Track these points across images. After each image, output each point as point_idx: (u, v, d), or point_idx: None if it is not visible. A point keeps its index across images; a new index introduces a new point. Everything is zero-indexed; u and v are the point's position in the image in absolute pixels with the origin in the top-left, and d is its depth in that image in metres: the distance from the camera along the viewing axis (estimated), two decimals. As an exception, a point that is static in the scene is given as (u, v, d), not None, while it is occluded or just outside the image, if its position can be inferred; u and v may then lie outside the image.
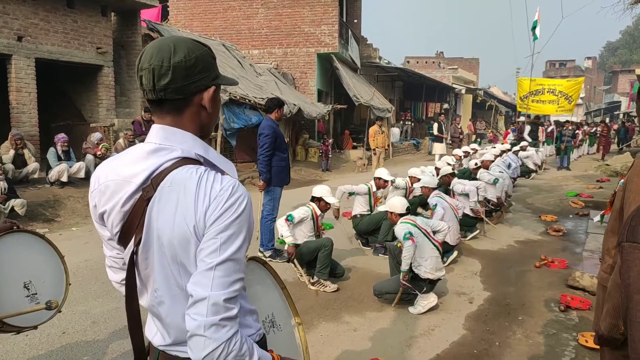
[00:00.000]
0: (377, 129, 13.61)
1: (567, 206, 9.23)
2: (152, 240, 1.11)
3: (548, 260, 5.67)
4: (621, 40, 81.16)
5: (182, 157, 1.13)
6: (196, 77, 1.14)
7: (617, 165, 13.95)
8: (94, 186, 1.18)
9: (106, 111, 10.53)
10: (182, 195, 1.07)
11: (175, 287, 1.13)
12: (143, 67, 1.13)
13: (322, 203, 4.91)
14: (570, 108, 17.45)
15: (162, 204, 1.09)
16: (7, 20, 8.44)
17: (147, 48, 1.15)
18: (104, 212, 1.16)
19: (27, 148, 8.19)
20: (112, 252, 1.26)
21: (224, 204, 1.06)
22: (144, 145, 1.16)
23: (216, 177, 1.10)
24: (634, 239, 0.92)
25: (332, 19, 17.11)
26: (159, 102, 1.15)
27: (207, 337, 1.01)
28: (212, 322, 1.01)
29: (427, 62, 40.30)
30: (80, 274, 4.96)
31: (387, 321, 4.08)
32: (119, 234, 1.16)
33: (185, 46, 1.14)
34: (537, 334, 3.88)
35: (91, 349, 3.48)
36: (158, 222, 1.09)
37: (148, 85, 1.13)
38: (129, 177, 1.12)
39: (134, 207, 1.12)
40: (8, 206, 6.61)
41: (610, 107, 46.26)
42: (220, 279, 1.03)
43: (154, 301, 1.17)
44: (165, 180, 1.10)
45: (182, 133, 1.16)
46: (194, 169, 1.10)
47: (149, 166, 1.12)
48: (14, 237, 2.32)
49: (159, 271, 1.13)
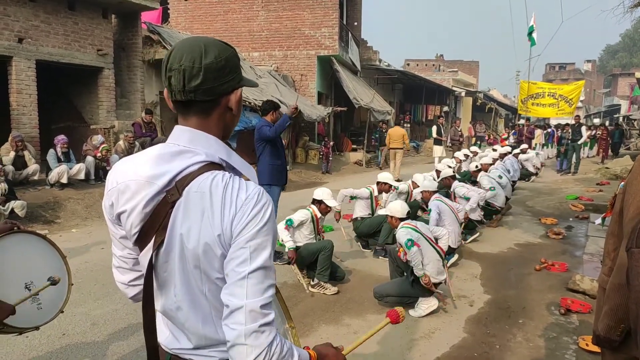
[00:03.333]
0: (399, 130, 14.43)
1: (567, 209, 9.24)
2: (174, 245, 1.10)
3: (548, 263, 5.67)
4: (621, 43, 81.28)
5: (207, 161, 1.12)
6: (225, 79, 1.13)
7: (617, 168, 13.95)
8: (112, 184, 1.15)
9: (106, 113, 10.53)
10: (208, 203, 1.07)
11: (196, 292, 1.12)
12: (172, 67, 1.10)
13: (323, 206, 4.92)
14: (570, 111, 17.47)
15: (187, 209, 1.08)
16: (7, 22, 8.45)
17: (176, 48, 1.13)
18: (123, 211, 1.14)
19: (28, 150, 8.19)
20: (122, 252, 1.24)
21: (250, 212, 1.06)
22: (167, 147, 1.14)
23: (241, 185, 1.10)
24: None
25: (332, 21, 17.13)
26: (186, 104, 1.14)
27: (249, 344, 1.02)
28: (251, 329, 1.02)
29: (427, 64, 40.38)
30: (80, 275, 4.95)
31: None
32: (137, 235, 1.14)
33: (216, 47, 1.12)
34: (537, 337, 3.87)
35: (91, 350, 3.47)
36: (183, 227, 1.09)
37: (177, 86, 1.11)
38: (151, 178, 1.10)
39: (155, 209, 1.11)
40: (8, 208, 6.61)
41: (610, 110, 46.29)
42: (254, 287, 1.04)
43: (172, 305, 1.16)
44: (191, 185, 1.08)
45: (207, 136, 1.14)
46: (220, 176, 1.09)
47: (173, 168, 1.10)
48: (15, 237, 2.31)
49: (180, 276, 1.12)
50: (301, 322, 4.05)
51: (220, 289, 1.10)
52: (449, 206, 5.80)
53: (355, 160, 17.34)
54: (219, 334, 1.14)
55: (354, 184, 11.97)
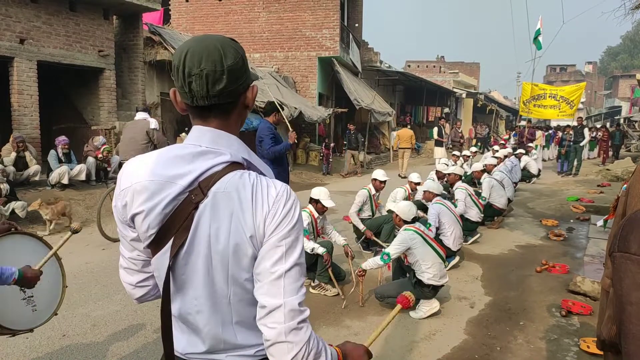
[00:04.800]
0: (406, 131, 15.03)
1: (568, 211, 9.22)
2: (197, 246, 1.08)
3: (549, 265, 5.66)
4: (622, 45, 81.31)
5: (231, 161, 1.10)
6: (244, 77, 1.12)
7: (618, 170, 13.94)
8: (126, 184, 1.11)
9: (107, 114, 10.54)
10: (237, 204, 1.06)
11: (219, 295, 1.11)
12: (192, 72, 1.05)
13: (319, 205, 4.88)
14: (571, 113, 17.44)
15: (215, 210, 1.06)
16: (9, 23, 8.46)
17: (191, 50, 1.07)
18: (139, 212, 1.09)
19: (29, 150, 8.20)
20: (132, 254, 1.21)
21: (282, 210, 1.06)
22: (188, 147, 1.11)
23: (269, 183, 1.09)
24: (626, 249, 0.90)
25: (333, 23, 17.15)
26: (207, 108, 1.11)
27: (289, 341, 1.03)
28: (291, 327, 1.03)
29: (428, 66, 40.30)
30: (80, 276, 4.94)
31: (388, 325, 4.06)
32: (153, 237, 1.11)
33: (231, 47, 1.09)
34: (538, 339, 3.86)
35: (91, 351, 3.47)
36: (211, 229, 1.07)
37: (200, 92, 1.07)
38: (171, 178, 1.07)
39: (176, 210, 1.08)
40: (8, 208, 6.61)
41: (611, 112, 46.27)
42: (291, 285, 1.05)
43: (191, 309, 1.13)
44: (217, 185, 1.07)
45: (229, 136, 1.13)
46: (246, 175, 1.09)
47: (196, 169, 1.08)
48: (12, 239, 2.31)
49: (203, 279, 1.10)
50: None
51: (246, 291, 1.10)
52: (450, 209, 5.79)
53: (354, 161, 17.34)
54: (238, 338, 1.13)
55: (354, 186, 11.96)
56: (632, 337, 0.86)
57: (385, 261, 4.27)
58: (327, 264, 4.61)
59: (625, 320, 0.88)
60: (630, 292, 0.88)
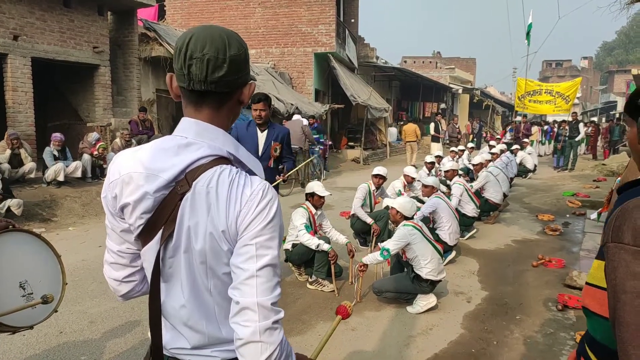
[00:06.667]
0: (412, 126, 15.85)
1: (564, 206, 9.26)
2: (181, 238, 1.09)
3: (545, 259, 5.69)
4: (617, 40, 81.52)
5: (217, 155, 1.11)
6: (244, 72, 1.12)
7: (614, 164, 14.00)
8: (115, 176, 1.12)
9: (103, 111, 10.49)
10: (213, 199, 1.06)
11: (201, 288, 1.11)
12: (194, 55, 1.06)
13: (316, 197, 4.88)
14: (567, 108, 17.49)
15: (194, 203, 1.07)
16: (2, 19, 8.40)
17: (195, 35, 1.08)
18: (127, 204, 1.11)
19: (24, 147, 8.14)
20: (121, 247, 1.20)
21: (255, 209, 1.06)
22: (174, 139, 1.12)
23: (246, 181, 1.09)
24: (619, 239, 0.92)
25: (329, 18, 17.10)
26: (201, 94, 1.11)
27: (264, 341, 1.01)
28: (266, 326, 1.02)
29: (424, 62, 40.32)
30: (77, 273, 4.94)
31: (385, 320, 4.08)
32: (142, 228, 1.12)
33: (236, 39, 1.10)
34: (534, 333, 3.89)
35: (89, 348, 3.47)
36: (190, 221, 1.08)
37: (199, 76, 1.07)
38: (157, 170, 1.09)
39: (163, 201, 1.09)
40: (4, 206, 6.58)
41: (607, 107, 46.42)
42: (264, 285, 1.03)
43: (176, 303, 1.14)
44: (199, 178, 1.07)
45: (216, 129, 1.13)
46: (227, 171, 1.08)
47: (181, 161, 1.08)
48: (10, 236, 2.29)
49: (185, 271, 1.11)
50: (299, 319, 4.05)
51: (226, 285, 1.09)
52: (447, 204, 5.80)
53: (352, 157, 17.35)
54: (222, 332, 1.13)
55: (351, 182, 11.97)
56: (626, 325, 0.88)
57: (385, 257, 4.26)
58: (333, 260, 4.60)
59: (619, 308, 0.90)
60: (624, 281, 0.90)
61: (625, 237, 0.91)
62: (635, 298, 0.87)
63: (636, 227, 0.90)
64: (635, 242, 0.90)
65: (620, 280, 0.90)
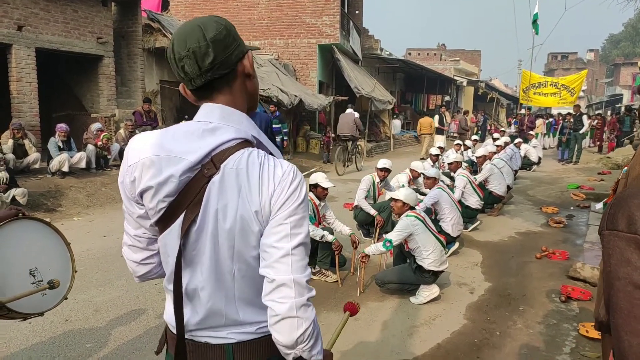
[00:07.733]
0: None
1: (568, 198, 9.23)
2: (207, 222, 1.09)
3: (549, 251, 5.68)
4: (624, 32, 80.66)
5: (243, 138, 1.11)
6: (233, 47, 1.12)
7: (619, 157, 13.92)
8: (134, 159, 1.11)
9: (107, 101, 10.51)
10: (244, 180, 1.07)
11: (224, 271, 1.11)
12: (181, 55, 1.08)
13: (319, 189, 4.87)
14: (572, 100, 17.37)
15: (224, 186, 1.07)
16: (7, 9, 8.39)
17: (176, 37, 1.11)
18: (149, 187, 1.09)
19: (28, 138, 8.18)
20: (137, 231, 1.20)
21: (288, 189, 1.08)
22: (196, 124, 1.12)
23: (276, 162, 1.10)
24: (614, 227, 0.93)
25: (333, 9, 17.00)
26: (206, 86, 1.12)
27: (300, 317, 1.04)
28: (301, 302, 1.05)
29: (429, 54, 40.13)
30: (82, 263, 4.96)
31: (388, 311, 4.10)
32: (163, 212, 1.11)
33: (212, 21, 1.11)
34: (537, 324, 3.89)
35: (94, 336, 3.50)
36: (219, 203, 1.07)
37: (194, 72, 1.09)
38: (181, 153, 1.08)
39: (188, 184, 1.08)
40: (9, 195, 6.62)
41: (612, 100, 46.12)
42: (298, 263, 1.06)
43: (197, 285, 1.14)
44: (227, 161, 1.07)
45: (239, 114, 1.14)
46: (255, 153, 1.10)
47: (207, 144, 1.08)
48: (20, 223, 2.31)
49: (210, 255, 1.11)
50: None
51: (251, 269, 1.11)
52: (450, 195, 5.80)
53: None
54: (240, 315, 1.14)
55: (354, 174, 11.98)
56: (619, 310, 0.89)
57: (387, 247, 4.28)
58: (338, 251, 4.62)
59: (613, 295, 0.91)
60: (618, 268, 0.91)
61: (620, 224, 0.92)
62: (628, 284, 0.88)
63: (630, 215, 0.91)
64: (629, 229, 0.90)
65: (615, 267, 0.91)
